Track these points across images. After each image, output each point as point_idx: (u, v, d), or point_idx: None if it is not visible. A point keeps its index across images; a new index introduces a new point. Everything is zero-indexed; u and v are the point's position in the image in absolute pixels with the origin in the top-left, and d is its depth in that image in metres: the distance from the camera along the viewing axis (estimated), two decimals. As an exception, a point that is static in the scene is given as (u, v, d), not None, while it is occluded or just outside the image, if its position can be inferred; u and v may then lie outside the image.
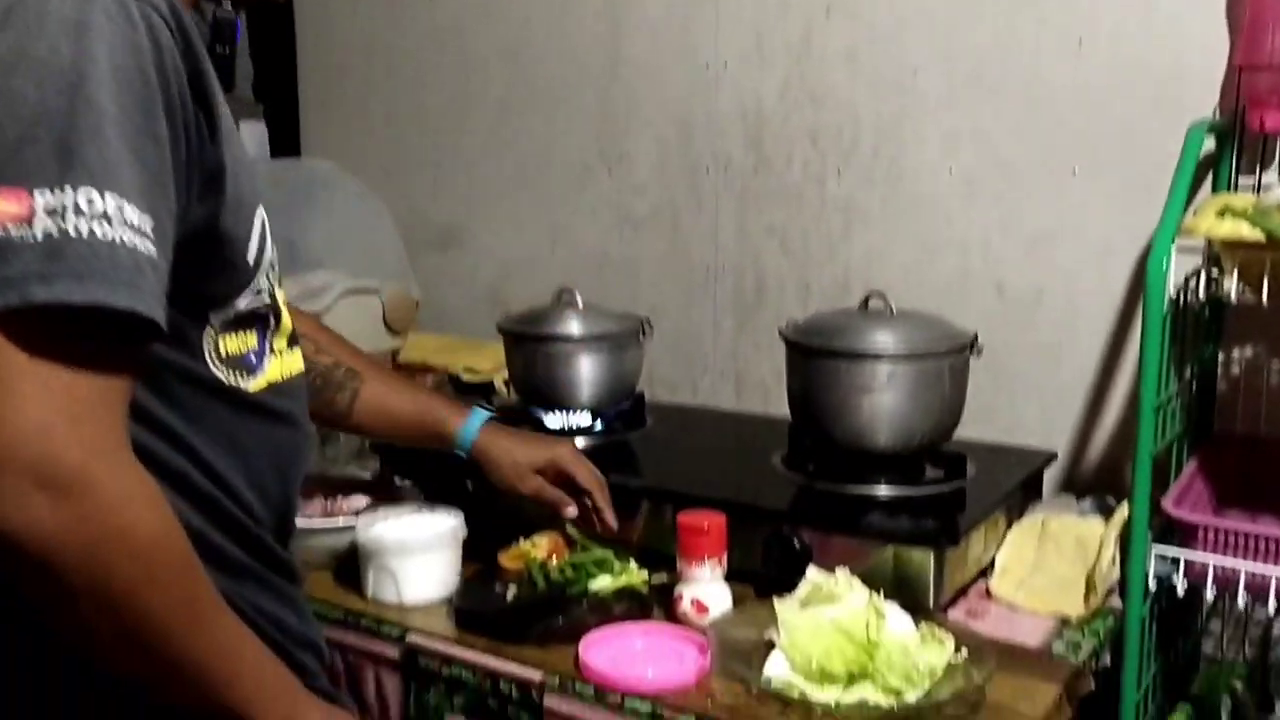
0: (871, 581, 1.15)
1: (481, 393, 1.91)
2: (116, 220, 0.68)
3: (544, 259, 2.08)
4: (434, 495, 1.39)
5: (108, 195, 0.68)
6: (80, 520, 0.66)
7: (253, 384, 0.84)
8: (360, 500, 1.36)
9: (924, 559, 1.16)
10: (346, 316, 1.79)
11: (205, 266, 0.80)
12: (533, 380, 1.57)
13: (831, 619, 1.03)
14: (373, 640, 1.18)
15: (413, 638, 1.15)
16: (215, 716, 0.79)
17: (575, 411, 1.57)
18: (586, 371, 1.55)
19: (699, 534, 1.15)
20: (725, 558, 1.17)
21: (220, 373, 0.82)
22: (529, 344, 1.57)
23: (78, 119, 0.68)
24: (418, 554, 1.21)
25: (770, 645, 1.06)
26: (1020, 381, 1.62)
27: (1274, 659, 1.25)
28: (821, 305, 1.78)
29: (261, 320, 0.85)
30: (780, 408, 1.46)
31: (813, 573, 1.12)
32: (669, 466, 1.50)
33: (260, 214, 0.85)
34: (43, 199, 0.67)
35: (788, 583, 1.19)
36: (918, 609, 1.13)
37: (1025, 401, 1.62)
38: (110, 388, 0.69)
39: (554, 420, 1.58)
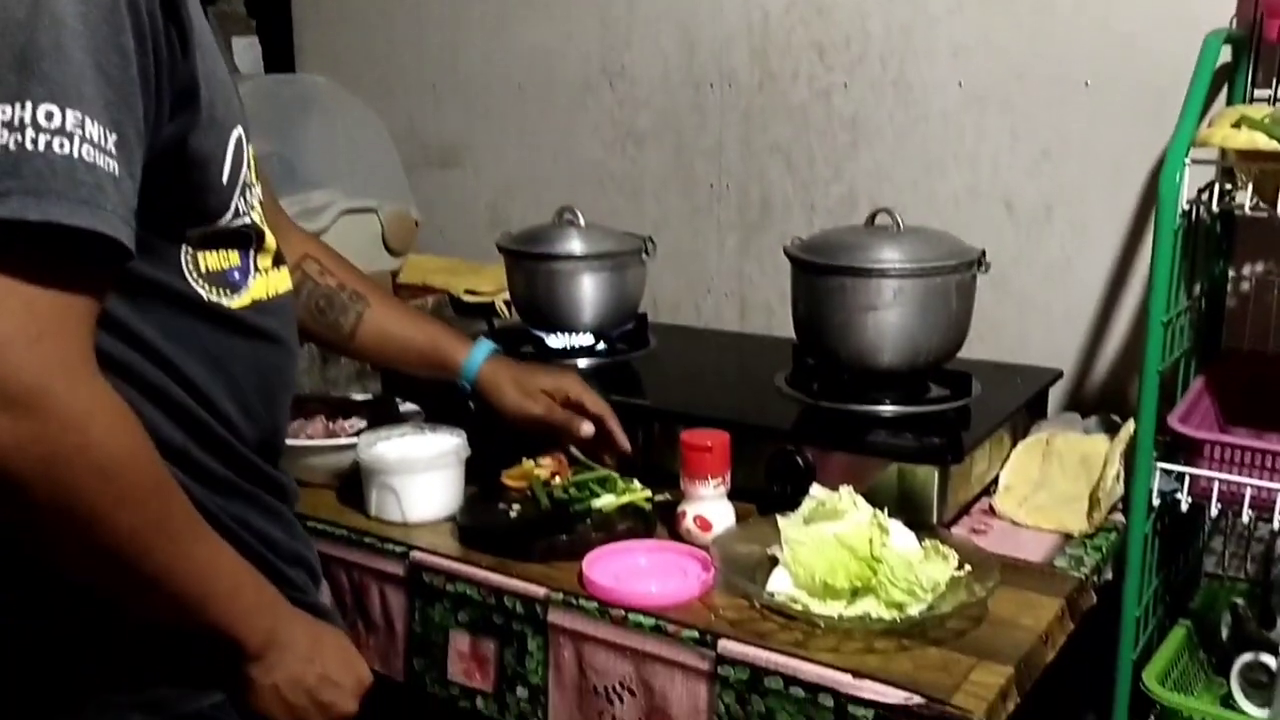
0: (875, 499, 1.15)
1: (482, 314, 1.90)
2: (77, 136, 0.67)
3: (545, 177, 2.05)
4: (436, 417, 1.39)
5: (68, 111, 0.66)
6: (37, 437, 0.66)
7: (236, 301, 0.83)
8: (362, 421, 1.35)
9: (928, 476, 1.16)
10: (345, 236, 1.76)
11: (177, 186, 0.78)
12: (534, 300, 1.56)
13: (835, 535, 1.03)
14: (377, 557, 1.18)
15: (417, 554, 1.16)
16: (200, 632, 0.80)
17: (577, 332, 1.56)
18: (588, 291, 1.53)
19: (703, 452, 1.15)
20: (729, 476, 1.17)
21: (201, 289, 0.82)
22: (529, 263, 1.55)
23: (38, 32, 0.66)
24: (421, 472, 1.21)
25: (774, 561, 1.06)
26: (1027, 299, 1.61)
27: (1276, 575, 1.25)
28: (827, 225, 1.76)
29: (243, 238, 0.84)
30: (785, 330, 1.44)
31: (816, 490, 1.12)
32: (672, 387, 1.49)
33: (237, 135, 0.83)
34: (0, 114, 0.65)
35: (792, 501, 1.19)
36: (921, 526, 1.13)
37: (1032, 320, 1.61)
38: (71, 306, 0.68)
39: (556, 341, 1.57)
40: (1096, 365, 1.56)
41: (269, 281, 0.89)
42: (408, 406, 1.44)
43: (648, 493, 1.21)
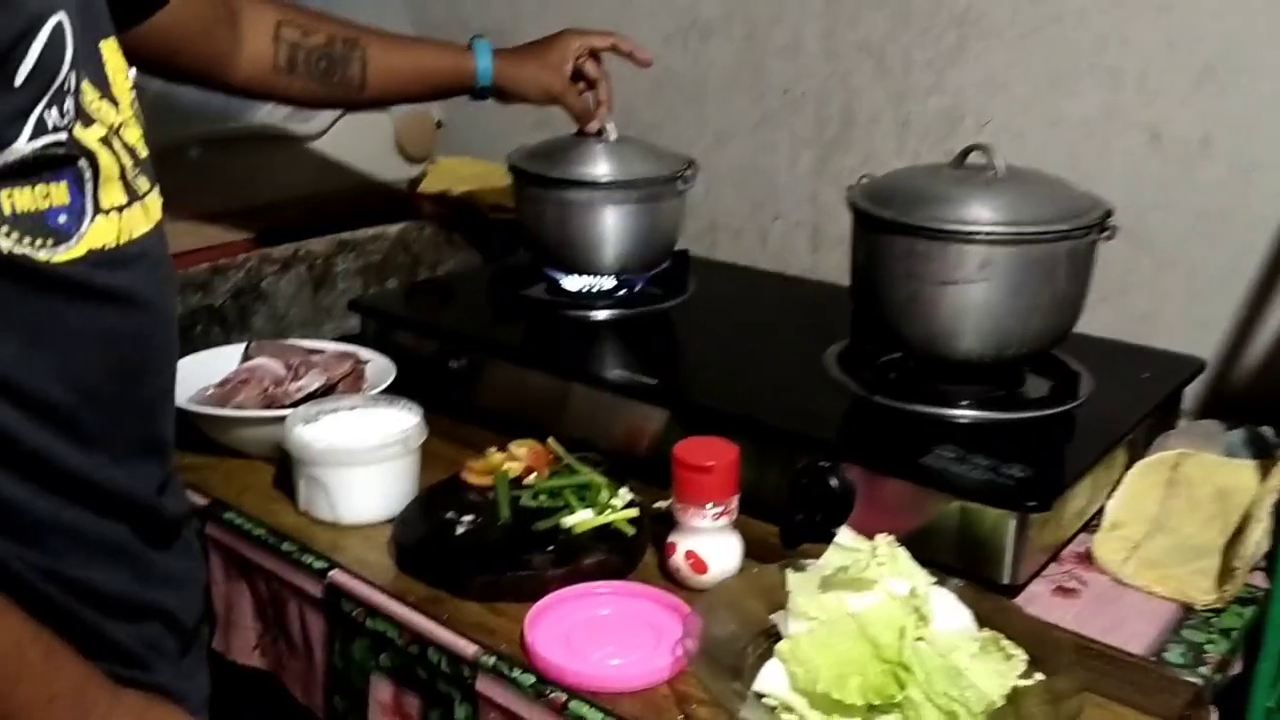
0: (930, 542, 0.87)
1: (513, 232, 1.63)
2: None
3: (595, 72, 1.74)
4: (409, 378, 1.15)
5: None
6: None
7: (61, 253, 0.62)
8: (315, 380, 1.11)
9: (1001, 523, 0.86)
10: (348, 141, 1.51)
11: None
12: (544, 233, 1.28)
13: (856, 615, 0.75)
14: (294, 571, 0.96)
15: (336, 575, 0.92)
16: None
17: (598, 274, 1.28)
18: (612, 226, 1.25)
19: (699, 473, 0.87)
20: (735, 502, 0.89)
21: (1, 238, 0.59)
22: (541, 187, 1.27)
23: None
24: (355, 466, 0.97)
25: (773, 639, 0.79)
26: (1167, 257, 1.26)
27: None
28: (922, 145, 1.43)
29: (67, 166, 0.63)
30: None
31: (846, 536, 0.83)
32: (694, 359, 1.21)
33: (55, 22, 0.60)
34: None
35: (822, 531, 0.92)
36: (985, 583, 0.85)
37: (1170, 284, 1.26)
38: None
39: (572, 283, 1.30)
40: (1251, 354, 1.21)
41: (120, 224, 0.66)
42: (378, 359, 1.19)
43: (634, 512, 0.95)
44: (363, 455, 0.97)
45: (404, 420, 1.02)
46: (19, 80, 0.58)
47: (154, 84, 1.32)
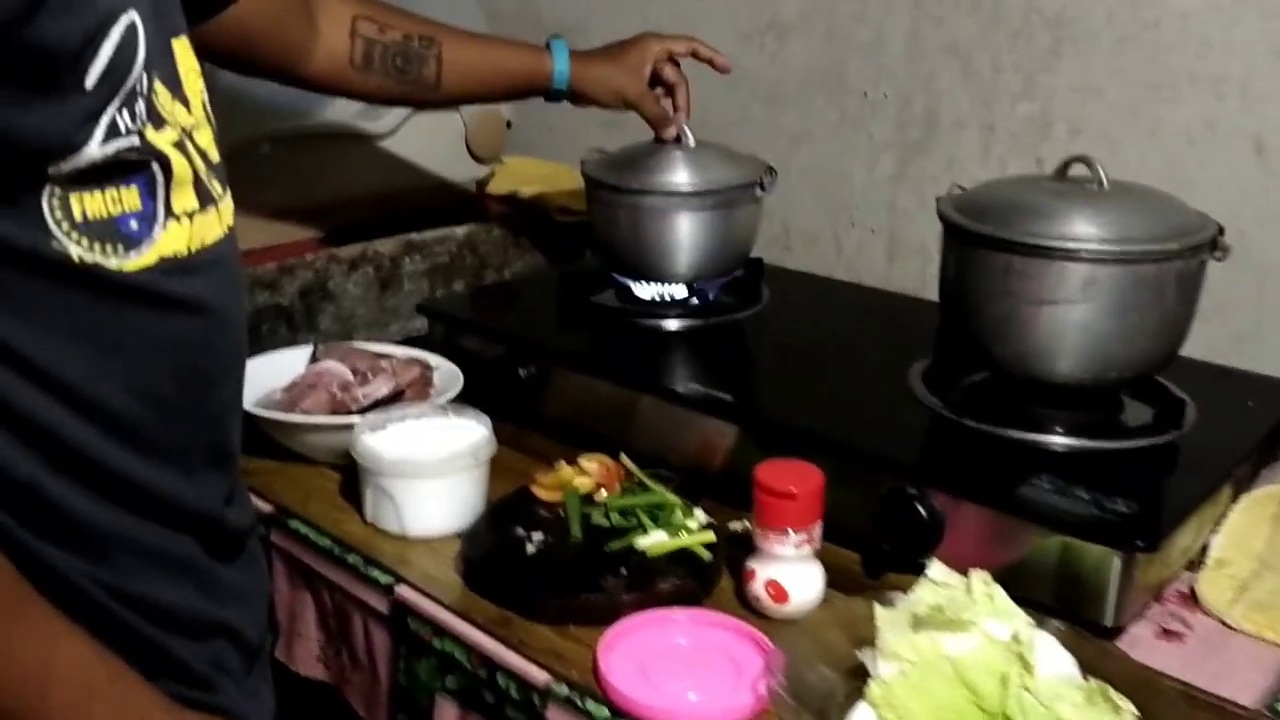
0: (1021, 578, 0.82)
1: (581, 235, 1.60)
2: None
3: (667, 71, 1.70)
4: (476, 385, 1.12)
5: None
6: None
7: (132, 260, 0.60)
8: (383, 386, 1.09)
9: (1105, 561, 0.81)
10: (417, 141, 1.49)
11: (15, 92, 0.53)
12: (617, 239, 1.25)
13: (954, 660, 0.71)
14: (359, 584, 0.93)
15: (403, 591, 0.90)
16: None
17: (669, 282, 1.25)
18: (685, 234, 1.21)
19: (783, 499, 0.83)
20: (819, 529, 0.85)
21: (72, 245, 0.57)
22: (615, 193, 1.23)
23: None
24: (424, 478, 0.95)
25: (861, 679, 0.75)
26: (1270, 275, 1.20)
27: None
28: (1009, 152, 1.37)
29: (139, 170, 0.60)
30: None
31: (937, 571, 0.79)
32: (770, 373, 1.16)
33: (127, 21, 0.57)
34: None
35: (907, 560, 0.88)
36: (1084, 624, 0.80)
37: (1273, 304, 1.20)
38: None
39: (644, 291, 1.26)
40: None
41: (192, 230, 0.63)
42: (446, 366, 1.16)
43: (710, 535, 0.91)
44: (432, 467, 0.94)
45: (473, 431, 0.99)
46: (90, 82, 0.56)
47: (224, 78, 1.31)
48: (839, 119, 1.53)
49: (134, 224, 0.59)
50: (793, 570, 0.85)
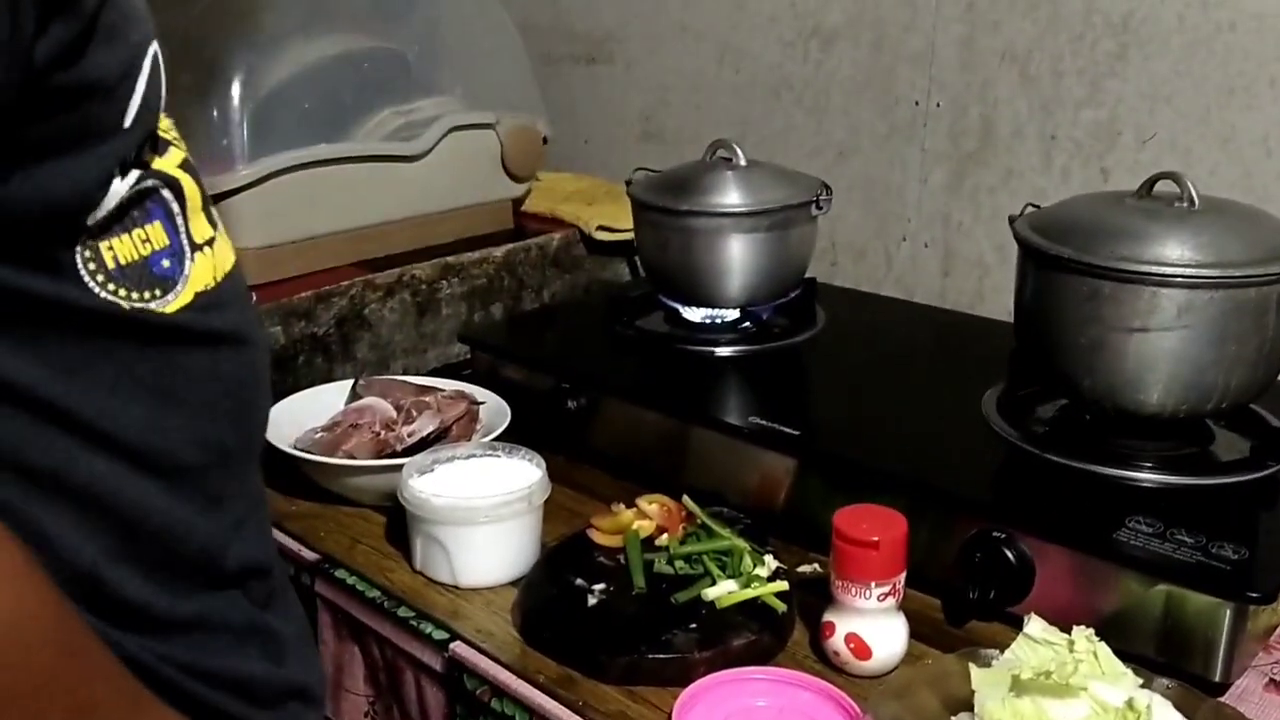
0: (1120, 629, 0.77)
1: (621, 253, 1.55)
2: None
3: (709, 82, 1.65)
4: (522, 416, 1.07)
5: None
6: None
7: (172, 301, 0.54)
8: (428, 424, 1.04)
9: (1216, 613, 0.75)
10: (454, 158, 1.44)
11: (55, 139, 0.48)
12: (666, 262, 1.20)
13: (1062, 728, 0.65)
14: (412, 640, 0.88)
15: (458, 648, 0.85)
16: None
17: (722, 306, 1.19)
18: (738, 256, 1.16)
19: (866, 549, 0.78)
20: (902, 580, 0.80)
21: (119, 296, 0.52)
22: (664, 217, 1.18)
23: None
24: (478, 525, 0.90)
25: (960, 745, 0.69)
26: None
27: None
28: (1072, 162, 1.31)
29: (156, 200, 0.54)
30: (998, 298, 1.04)
31: (1035, 626, 0.73)
32: (832, 403, 1.11)
33: (153, 51, 0.52)
34: None
35: (995, 606, 0.82)
36: (1190, 679, 0.74)
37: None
38: None
39: (694, 314, 1.21)
40: None
41: (214, 258, 0.58)
42: (492, 400, 1.11)
43: (783, 585, 0.85)
44: (485, 513, 0.89)
45: (527, 472, 0.94)
46: (129, 120, 0.51)
47: (250, 108, 1.26)
48: (889, 130, 1.47)
49: (165, 262, 0.54)
50: (875, 624, 0.79)
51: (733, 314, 1.20)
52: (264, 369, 0.63)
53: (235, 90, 1.23)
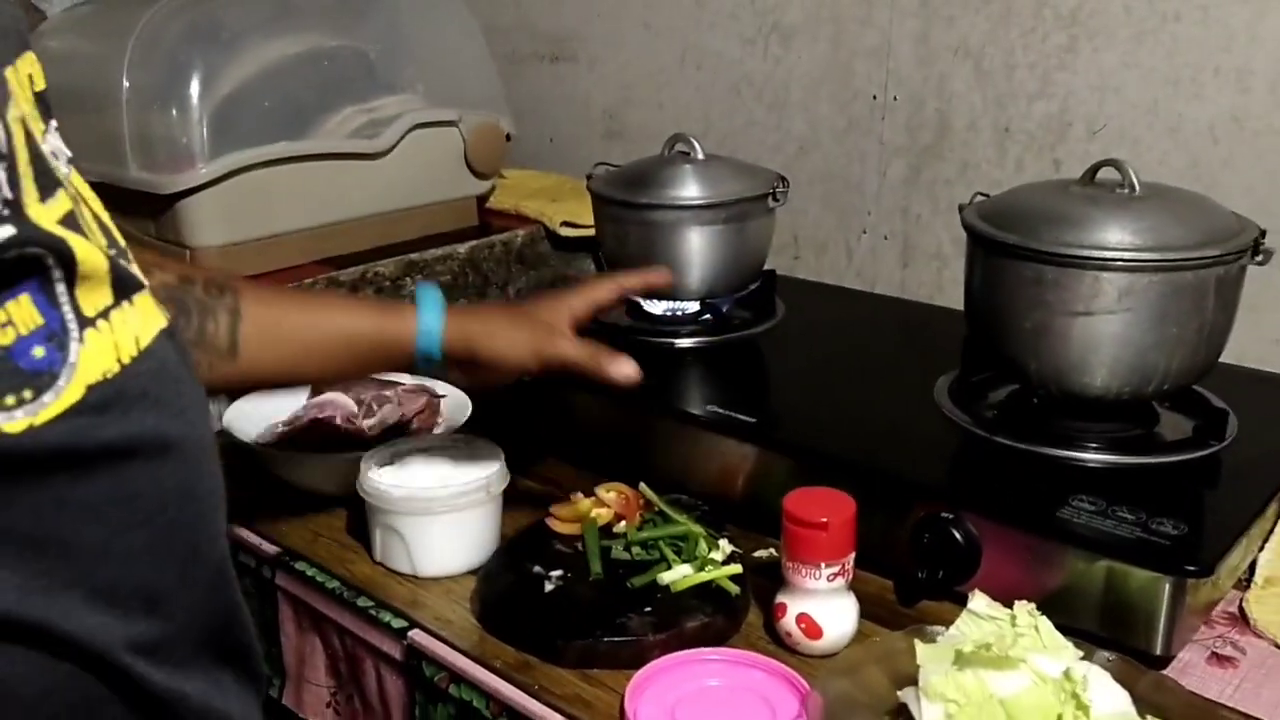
0: (1063, 606, 0.78)
1: (585, 248, 1.56)
2: None
3: (671, 79, 1.67)
4: (482, 408, 1.08)
5: None
6: None
7: (49, 406, 0.38)
8: (389, 417, 1.05)
9: (1156, 587, 0.77)
10: (416, 156, 1.45)
11: None
12: (627, 255, 1.21)
13: (1004, 700, 0.67)
14: (371, 629, 0.89)
15: (417, 636, 0.86)
16: None
17: (682, 298, 1.21)
18: (697, 248, 1.17)
19: (815, 530, 0.79)
20: (852, 560, 0.81)
21: None
22: (623, 210, 1.19)
23: None
24: (435, 515, 0.90)
25: (905, 718, 0.71)
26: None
27: None
28: (1025, 154, 1.33)
29: (33, 267, 0.39)
30: (957, 289, 1.05)
31: (979, 603, 0.75)
32: (791, 392, 1.12)
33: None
34: None
35: (944, 587, 0.84)
36: (1132, 653, 0.76)
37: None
38: None
39: (655, 307, 1.23)
40: None
41: (117, 333, 0.42)
42: (453, 393, 1.12)
43: (737, 568, 0.87)
44: (443, 503, 0.90)
45: (486, 464, 0.95)
46: None
47: (209, 104, 1.27)
48: (847, 124, 1.49)
49: (37, 350, 0.39)
50: (826, 604, 0.81)
51: (693, 306, 1.21)
52: (203, 478, 0.46)
53: (195, 89, 1.23)
